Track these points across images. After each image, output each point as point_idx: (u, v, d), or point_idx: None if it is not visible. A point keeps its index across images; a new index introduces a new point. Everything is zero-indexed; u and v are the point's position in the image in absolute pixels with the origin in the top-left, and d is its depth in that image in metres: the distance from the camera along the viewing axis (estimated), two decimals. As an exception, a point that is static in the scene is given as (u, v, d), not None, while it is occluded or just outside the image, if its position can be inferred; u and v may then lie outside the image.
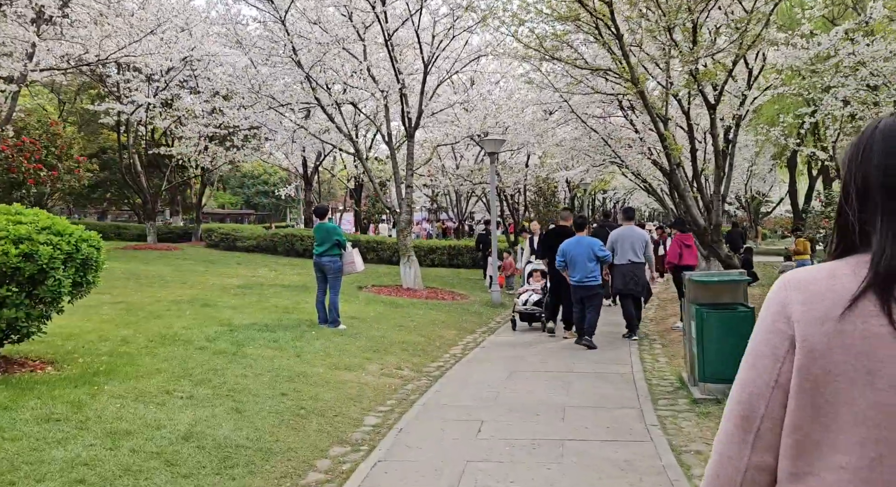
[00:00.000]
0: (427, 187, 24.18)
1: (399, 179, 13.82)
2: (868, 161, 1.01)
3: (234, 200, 53.83)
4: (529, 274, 10.51)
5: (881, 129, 1.02)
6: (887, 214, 0.98)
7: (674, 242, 10.81)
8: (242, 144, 18.61)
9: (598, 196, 39.56)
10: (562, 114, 16.77)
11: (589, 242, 8.68)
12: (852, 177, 1.03)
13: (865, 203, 1.01)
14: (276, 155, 20.32)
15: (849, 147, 1.07)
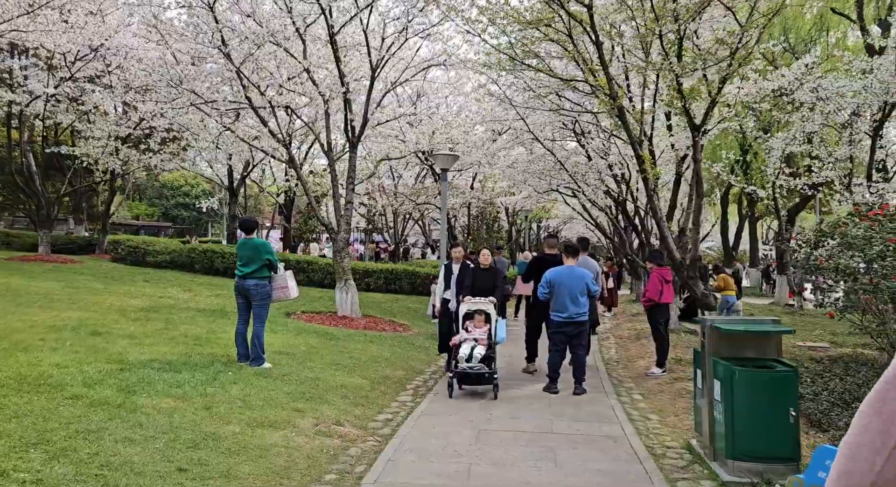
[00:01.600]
0: (364, 206, 22.71)
1: (338, 194, 12.35)
2: None
3: (150, 211, 50.28)
4: (467, 316, 7.68)
5: None
6: None
7: (654, 277, 9.40)
8: (160, 148, 16.60)
9: (535, 224, 39.09)
10: (511, 135, 15.82)
11: (581, 273, 7.51)
12: None
13: None
14: (198, 163, 18.35)
15: None
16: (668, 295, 8.84)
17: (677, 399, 7.18)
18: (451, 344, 7.52)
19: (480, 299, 7.72)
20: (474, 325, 7.55)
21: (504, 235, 28.35)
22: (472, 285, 8.07)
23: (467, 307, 7.68)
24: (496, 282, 8.07)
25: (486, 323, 7.54)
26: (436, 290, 13.65)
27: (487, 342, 7.34)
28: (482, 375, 7.07)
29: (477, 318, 7.56)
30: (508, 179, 17.74)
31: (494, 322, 7.51)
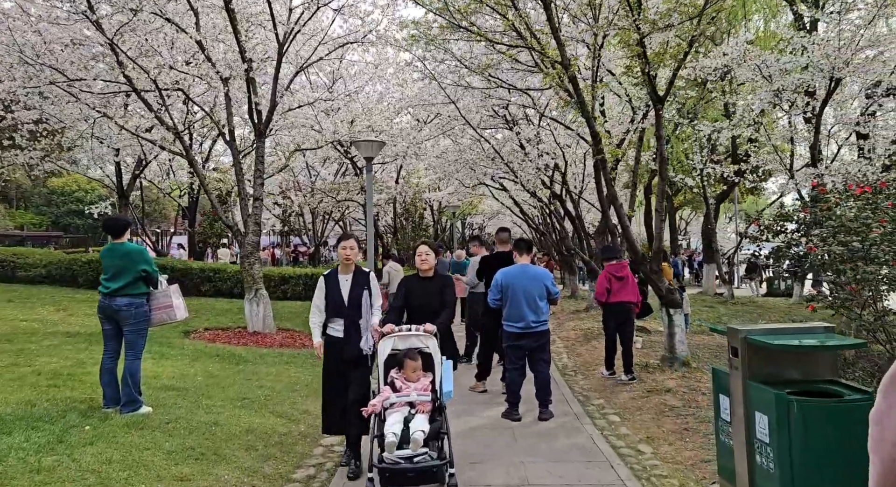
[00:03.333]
0: (279, 206, 20.75)
1: (244, 191, 10.56)
2: None
3: (38, 220, 45.61)
4: (391, 361, 4.59)
5: None
6: None
7: (602, 275, 8.31)
8: (28, 145, 14.10)
9: (461, 221, 37.99)
10: (440, 123, 14.47)
11: (537, 273, 6.20)
12: None
13: None
14: (82, 162, 15.89)
15: None
16: (623, 293, 7.79)
17: (660, 418, 6.01)
18: (367, 413, 4.32)
19: (413, 329, 4.65)
20: (406, 377, 4.45)
21: (430, 233, 27.00)
22: (407, 303, 5.32)
23: (392, 344, 4.60)
24: (444, 299, 5.17)
25: (425, 372, 4.52)
26: None
27: (431, 405, 4.32)
28: (427, 471, 3.89)
29: (410, 364, 4.46)
30: (437, 171, 16.36)
31: (439, 366, 4.55)
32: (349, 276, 4.79)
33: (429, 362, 4.58)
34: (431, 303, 5.17)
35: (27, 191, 49.90)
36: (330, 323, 4.80)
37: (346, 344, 4.69)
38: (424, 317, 4.92)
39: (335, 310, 4.74)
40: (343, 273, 4.81)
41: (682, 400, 6.50)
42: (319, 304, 4.81)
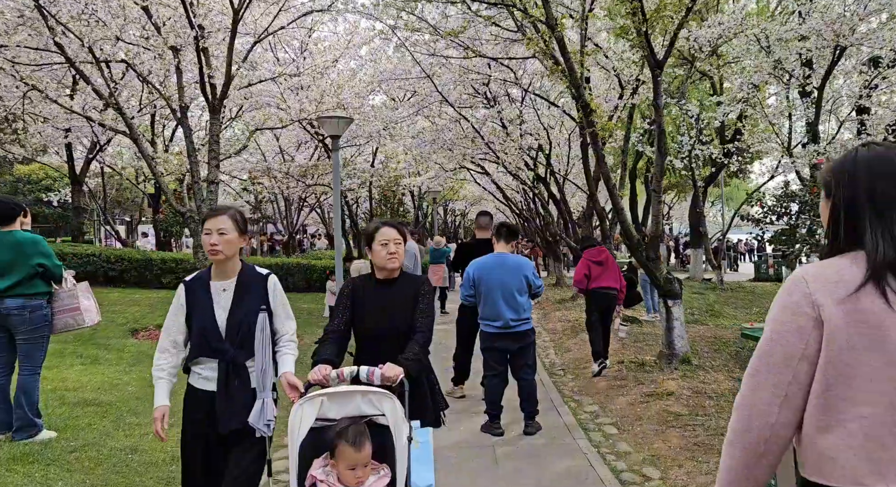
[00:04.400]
0: (249, 192, 19.66)
1: (197, 172, 9.54)
2: (854, 184, 1.36)
3: (5, 210, 43.82)
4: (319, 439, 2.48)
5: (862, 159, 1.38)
6: (874, 222, 1.33)
7: (581, 262, 7.85)
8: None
9: (442, 207, 37.04)
10: (415, 101, 13.49)
11: (517, 263, 5.31)
12: (842, 197, 1.38)
13: (855, 215, 1.35)
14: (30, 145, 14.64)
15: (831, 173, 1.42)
16: (604, 278, 7.28)
17: (665, 429, 5.18)
18: None
19: (362, 376, 2.67)
20: (341, 478, 2.36)
21: (410, 220, 26.03)
22: (354, 326, 3.12)
23: (317, 409, 2.48)
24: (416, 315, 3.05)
25: (377, 463, 2.45)
26: (331, 287, 11.19)
27: None
28: None
29: (348, 452, 2.34)
30: (412, 152, 15.39)
31: (404, 451, 2.48)
32: (229, 283, 2.76)
33: (384, 441, 2.46)
34: (396, 325, 3.01)
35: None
36: (195, 367, 2.77)
37: (224, 407, 2.68)
38: (383, 350, 2.89)
39: (203, 345, 2.72)
40: (218, 277, 2.77)
41: (686, 406, 5.68)
42: (173, 333, 2.79)
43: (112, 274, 14.01)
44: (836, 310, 1.27)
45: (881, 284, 1.27)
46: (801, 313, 1.30)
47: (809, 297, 1.30)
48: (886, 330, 1.24)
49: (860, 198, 1.34)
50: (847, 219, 1.36)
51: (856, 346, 1.25)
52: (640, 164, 30.48)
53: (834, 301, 1.28)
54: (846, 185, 1.37)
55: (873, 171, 1.35)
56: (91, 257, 13.79)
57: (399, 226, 3.18)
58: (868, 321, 1.25)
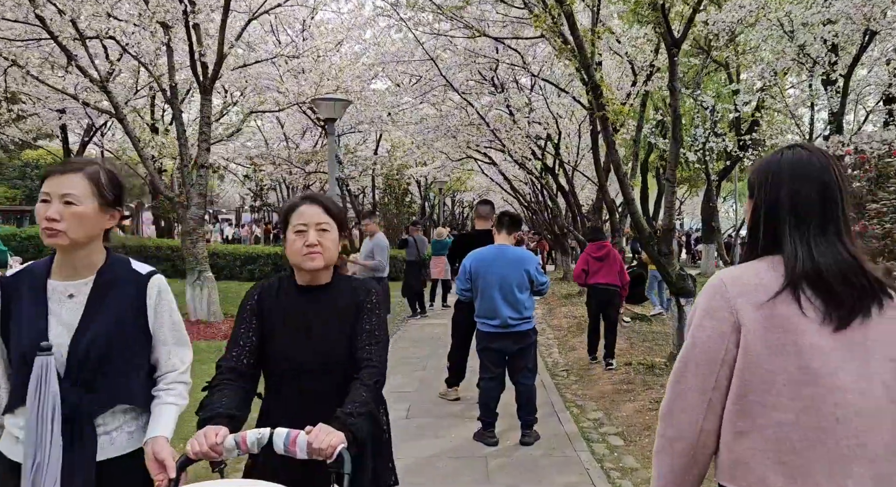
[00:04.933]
0: (250, 179, 19.26)
1: (187, 155, 9.12)
2: (777, 187, 1.33)
3: (11, 194, 43.79)
4: None
5: (786, 162, 1.35)
6: (794, 227, 1.31)
7: (582, 256, 7.78)
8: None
9: (450, 199, 36.57)
10: (419, 87, 12.98)
11: (517, 256, 4.83)
12: (763, 199, 1.35)
13: (775, 218, 1.33)
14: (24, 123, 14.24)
15: (755, 174, 1.39)
16: (602, 274, 7.25)
17: (676, 441, 4.70)
18: None
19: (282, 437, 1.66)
20: None
21: (416, 210, 25.57)
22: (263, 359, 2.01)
23: None
24: (361, 339, 1.95)
25: None
26: None
27: None
28: None
29: None
30: (415, 139, 14.90)
31: None
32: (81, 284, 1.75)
33: None
34: (325, 353, 1.96)
35: (1, 164, 48.03)
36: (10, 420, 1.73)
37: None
38: (307, 395, 1.95)
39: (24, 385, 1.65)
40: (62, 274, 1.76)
41: (700, 415, 5.19)
42: None
43: (106, 260, 13.63)
44: (754, 315, 1.27)
45: (797, 292, 1.27)
46: (721, 318, 1.30)
47: (729, 302, 1.30)
48: (801, 335, 1.25)
49: (782, 202, 1.32)
50: (767, 222, 1.34)
51: (772, 352, 1.26)
52: (651, 158, 29.81)
53: (752, 306, 1.28)
54: (768, 188, 1.34)
55: (796, 175, 1.32)
56: (83, 243, 13.41)
57: (328, 202, 2.01)
58: (784, 327, 1.26)
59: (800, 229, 1.30)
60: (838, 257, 1.29)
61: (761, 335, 1.26)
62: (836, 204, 1.31)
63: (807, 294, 1.26)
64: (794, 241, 1.30)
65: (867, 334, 1.27)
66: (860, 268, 1.29)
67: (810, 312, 1.26)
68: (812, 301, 1.27)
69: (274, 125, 20.37)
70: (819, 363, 1.24)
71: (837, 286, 1.27)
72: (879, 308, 1.28)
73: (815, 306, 1.27)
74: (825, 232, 1.30)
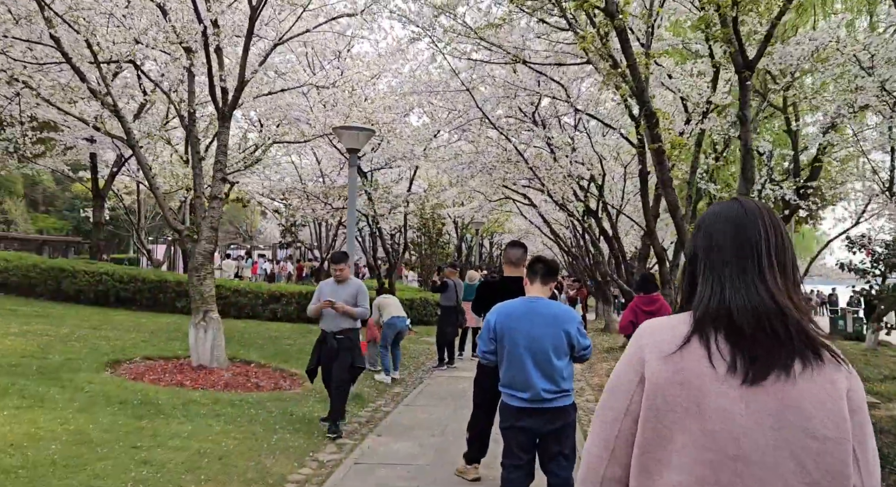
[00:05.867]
0: (279, 215, 18.78)
1: (201, 185, 8.51)
2: (696, 235, 1.32)
3: (59, 225, 44.81)
4: None
5: (710, 212, 1.33)
6: (708, 269, 1.25)
7: (629, 306, 7.22)
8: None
9: (488, 240, 35.69)
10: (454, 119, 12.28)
11: (555, 312, 3.87)
12: (689, 248, 1.34)
13: (694, 264, 1.30)
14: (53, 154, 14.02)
15: None
16: None
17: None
18: None
19: None
20: None
21: (452, 250, 24.73)
22: None
23: None
24: None
25: None
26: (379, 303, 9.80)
27: None
28: None
29: None
30: (451, 175, 14.16)
31: None
32: None
33: None
34: None
35: (52, 195, 49.41)
36: None
37: None
38: None
39: None
40: None
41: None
42: None
43: (124, 294, 13.14)
44: (658, 367, 1.20)
45: (705, 339, 1.18)
46: (631, 368, 1.25)
47: (640, 352, 1.25)
48: (705, 395, 1.15)
49: (698, 247, 1.30)
50: (689, 271, 1.32)
51: (674, 409, 1.17)
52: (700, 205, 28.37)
53: (658, 357, 1.21)
54: (692, 238, 1.34)
55: (714, 219, 1.29)
56: (103, 276, 12.97)
57: None
58: (689, 382, 1.17)
59: (714, 270, 1.24)
60: (755, 298, 1.19)
61: (663, 389, 1.18)
62: (755, 245, 1.23)
63: (716, 341, 1.17)
64: (705, 282, 1.24)
65: (783, 397, 1.13)
66: (781, 315, 1.17)
67: (719, 364, 1.16)
68: (721, 350, 1.17)
69: (311, 161, 20.02)
70: (721, 426, 1.14)
71: (748, 329, 1.17)
72: (803, 366, 1.14)
73: (724, 356, 1.16)
74: (743, 273, 1.22)
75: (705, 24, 5.09)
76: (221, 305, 13.62)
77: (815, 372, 1.13)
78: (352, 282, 6.21)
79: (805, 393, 1.12)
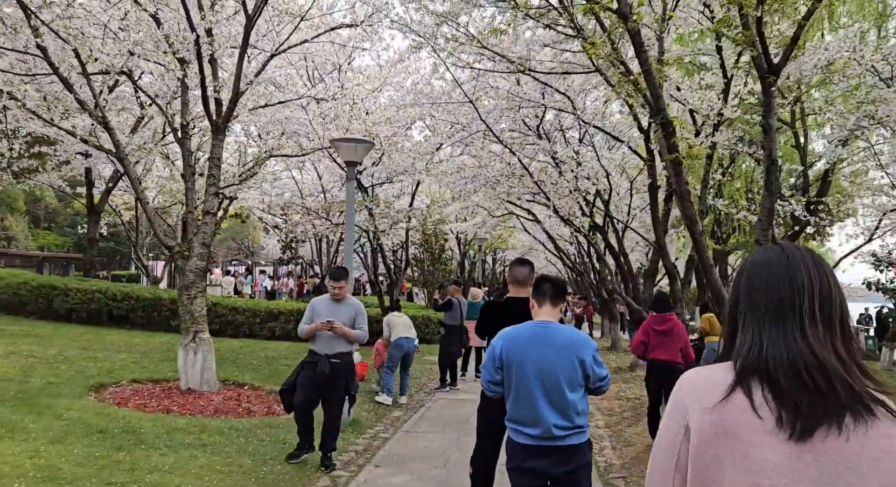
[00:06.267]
0: (279, 230, 18.45)
1: (193, 199, 8.17)
2: (737, 283, 1.27)
3: (60, 242, 44.55)
4: None
5: (751, 259, 1.28)
6: (748, 319, 1.20)
7: (642, 326, 6.98)
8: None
9: (491, 257, 35.28)
10: (457, 133, 11.97)
11: (568, 339, 3.46)
12: (731, 297, 1.28)
13: (734, 314, 1.24)
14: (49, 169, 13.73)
15: None
16: (664, 350, 6.57)
17: None
18: None
19: None
20: None
21: (454, 266, 24.32)
22: None
23: None
24: None
25: None
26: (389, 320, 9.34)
27: None
28: None
29: None
30: (453, 189, 13.83)
31: None
32: None
33: None
34: None
35: (55, 211, 49.25)
36: None
37: None
38: None
39: None
40: None
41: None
42: None
43: (117, 313, 12.76)
44: (701, 419, 1.14)
45: (748, 390, 1.13)
46: (675, 422, 1.19)
47: (682, 403, 1.19)
48: (753, 447, 1.10)
49: (740, 296, 1.25)
50: (731, 318, 1.27)
51: (721, 462, 1.12)
52: (706, 221, 27.90)
53: (700, 408, 1.15)
54: (735, 283, 1.28)
55: (755, 266, 1.25)
56: (96, 294, 12.60)
57: None
58: (733, 433, 1.12)
59: (754, 319, 1.20)
60: (793, 350, 1.14)
61: (710, 440, 1.13)
62: (797, 294, 1.17)
63: (759, 392, 1.12)
64: (745, 331, 1.20)
65: (835, 454, 1.07)
66: (822, 368, 1.11)
67: (766, 415, 1.10)
68: (767, 401, 1.11)
69: (312, 176, 19.75)
70: (771, 482, 1.08)
71: (785, 381, 1.11)
72: (855, 421, 1.07)
73: (770, 408, 1.11)
74: (783, 323, 1.16)
75: (725, 25, 4.75)
76: (218, 324, 13.32)
77: (870, 427, 1.07)
78: (350, 302, 5.76)
79: (858, 449, 1.06)
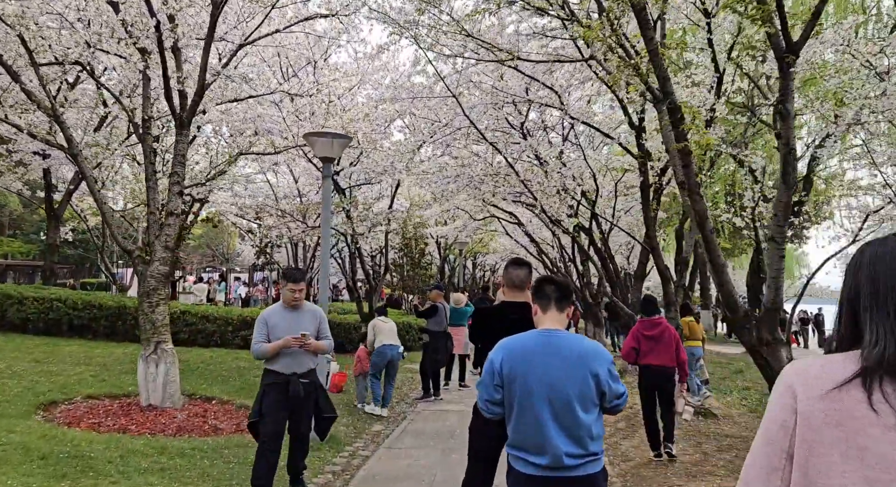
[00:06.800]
0: (253, 235, 17.76)
1: (154, 199, 7.55)
2: (857, 277, 1.22)
3: (25, 249, 43.05)
4: None
5: (868, 252, 1.23)
6: (875, 314, 1.16)
7: (631, 332, 6.84)
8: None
9: (471, 261, 34.78)
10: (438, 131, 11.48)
11: (581, 350, 2.92)
12: (845, 293, 1.24)
13: (855, 308, 1.20)
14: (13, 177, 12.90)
15: (844, 273, 1.29)
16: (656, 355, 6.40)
17: None
18: None
19: None
20: None
21: (434, 271, 23.79)
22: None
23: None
24: None
25: None
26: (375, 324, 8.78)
27: None
28: None
29: None
30: (434, 189, 13.32)
31: None
32: None
33: None
34: None
35: (20, 217, 47.69)
36: None
37: None
38: None
39: None
40: None
41: None
42: None
43: (78, 323, 12.00)
44: (811, 406, 1.13)
45: (869, 383, 1.10)
46: (785, 405, 1.18)
47: (789, 390, 1.18)
48: (867, 439, 1.08)
49: (862, 290, 1.20)
50: (847, 315, 1.22)
51: (829, 451, 1.10)
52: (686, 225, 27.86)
53: (810, 395, 1.14)
54: (850, 280, 1.24)
55: (876, 260, 1.20)
56: (54, 303, 11.83)
57: None
58: (845, 424, 1.10)
59: (881, 315, 1.15)
60: None
61: (820, 429, 1.11)
62: None
63: (881, 386, 1.09)
64: (874, 328, 1.15)
65: None
66: None
67: (884, 409, 1.08)
68: (887, 397, 1.08)
69: (288, 180, 19.12)
70: (887, 476, 1.05)
71: None
72: None
73: (891, 404, 1.08)
74: None
75: (737, 0, 4.31)
76: (188, 333, 12.62)
77: None
78: (310, 309, 5.02)
79: None
